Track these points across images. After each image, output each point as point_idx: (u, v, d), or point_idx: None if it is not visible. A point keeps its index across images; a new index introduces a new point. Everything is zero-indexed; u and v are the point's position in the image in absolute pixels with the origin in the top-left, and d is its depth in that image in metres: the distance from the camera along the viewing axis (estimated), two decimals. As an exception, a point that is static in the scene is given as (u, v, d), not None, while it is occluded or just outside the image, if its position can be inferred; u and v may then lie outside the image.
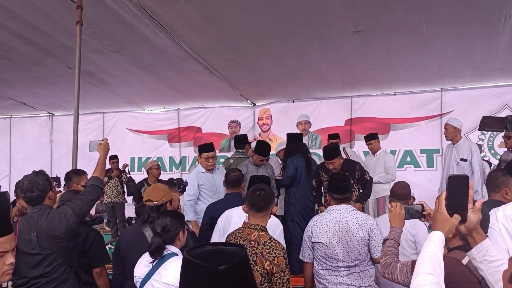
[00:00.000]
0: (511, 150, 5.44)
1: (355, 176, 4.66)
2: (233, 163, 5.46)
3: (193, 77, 6.68)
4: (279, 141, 7.62)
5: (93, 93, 7.55)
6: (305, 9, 4.43)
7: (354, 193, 3.05)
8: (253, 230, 2.47)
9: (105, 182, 7.11)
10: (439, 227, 1.40)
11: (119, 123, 9.46)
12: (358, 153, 7.84)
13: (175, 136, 9.20)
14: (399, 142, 7.70)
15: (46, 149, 9.84)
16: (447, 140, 5.52)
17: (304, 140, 6.14)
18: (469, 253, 1.47)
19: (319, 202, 4.89)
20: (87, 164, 7.09)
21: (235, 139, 6.17)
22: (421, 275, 1.28)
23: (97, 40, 5.20)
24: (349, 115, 8.03)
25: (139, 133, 9.41)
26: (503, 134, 5.59)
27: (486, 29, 4.91)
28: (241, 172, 4.06)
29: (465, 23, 4.77)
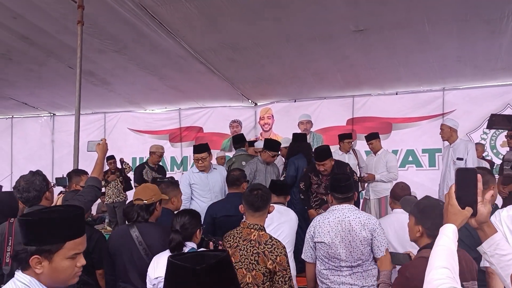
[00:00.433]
0: (514, 149, 5.42)
1: None
2: (236, 161, 5.50)
3: (194, 76, 6.68)
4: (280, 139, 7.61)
5: (94, 93, 7.55)
6: (306, 8, 4.42)
7: (356, 193, 3.04)
8: (252, 230, 2.47)
9: (103, 185, 7.11)
10: (452, 219, 1.37)
11: (120, 123, 9.45)
12: (360, 153, 7.85)
13: (176, 136, 9.19)
14: (401, 141, 7.68)
15: (47, 149, 9.84)
16: (443, 140, 5.55)
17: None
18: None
19: (307, 204, 4.80)
20: (88, 164, 7.05)
21: (234, 140, 6.20)
22: (436, 269, 1.25)
23: (98, 39, 5.20)
24: (350, 114, 8.01)
25: (141, 133, 9.41)
26: (506, 133, 5.57)
27: (488, 28, 4.89)
28: (242, 171, 4.06)
29: (467, 22, 4.75)
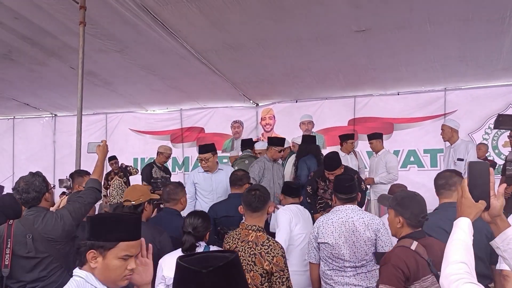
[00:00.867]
0: (516, 150, 5.42)
1: None
2: (239, 161, 5.63)
3: (196, 77, 6.67)
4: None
5: (96, 94, 7.55)
6: (308, 8, 4.42)
7: (359, 194, 3.04)
8: (250, 231, 2.48)
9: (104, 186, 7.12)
10: (466, 212, 1.36)
11: (121, 124, 9.46)
12: (361, 154, 7.84)
13: (178, 136, 9.19)
14: (403, 142, 7.67)
15: (49, 150, 9.85)
16: (444, 141, 5.53)
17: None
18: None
19: (314, 209, 4.83)
20: (90, 164, 7.02)
21: (242, 143, 6.36)
22: (453, 264, 1.25)
23: (100, 40, 5.20)
24: (352, 115, 8.00)
25: (142, 134, 9.41)
26: (508, 134, 5.56)
27: (490, 28, 4.88)
28: (246, 172, 4.09)
29: (469, 22, 4.74)
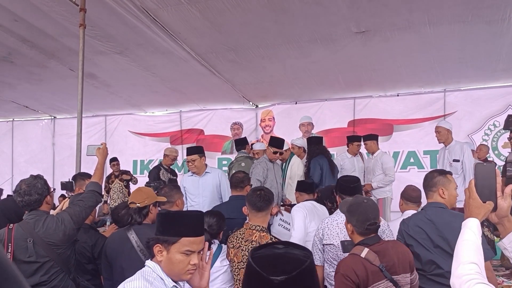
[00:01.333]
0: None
1: None
2: (235, 163, 5.56)
3: (195, 79, 6.67)
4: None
5: (95, 96, 7.54)
6: (308, 10, 4.42)
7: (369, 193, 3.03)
8: (254, 231, 2.50)
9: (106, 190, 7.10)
10: (474, 213, 1.35)
11: (121, 126, 9.45)
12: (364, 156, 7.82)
13: (177, 138, 9.18)
14: (403, 143, 7.66)
15: (48, 152, 9.83)
16: (439, 142, 5.45)
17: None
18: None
19: None
20: (90, 166, 7.01)
21: (235, 142, 6.27)
22: (464, 264, 1.24)
23: (100, 42, 5.20)
24: (352, 116, 8.00)
25: (141, 136, 9.40)
26: (508, 135, 5.54)
27: (489, 29, 4.90)
28: (246, 174, 4.07)
29: (469, 23, 4.75)
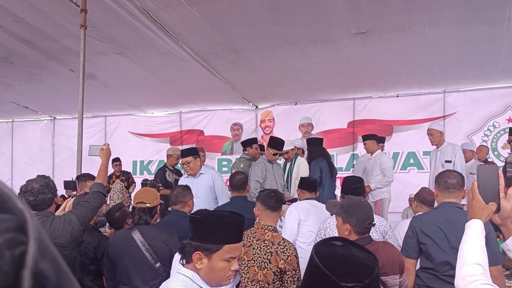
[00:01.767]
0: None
1: None
2: (235, 164, 5.58)
3: (195, 79, 6.68)
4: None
5: (95, 96, 7.54)
6: (308, 11, 4.43)
7: (367, 197, 3.03)
8: (266, 230, 2.55)
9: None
10: (478, 214, 1.36)
11: (121, 127, 9.44)
12: (360, 156, 7.82)
13: (177, 139, 9.18)
14: (402, 144, 7.67)
15: (48, 153, 9.83)
16: (432, 145, 5.49)
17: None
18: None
19: None
20: (90, 167, 7.06)
21: (242, 143, 6.28)
22: (468, 265, 1.25)
23: (100, 42, 5.20)
24: (351, 117, 8.01)
25: (141, 136, 9.40)
26: (507, 139, 5.57)
27: (489, 30, 4.91)
28: (246, 174, 4.08)
29: (469, 25, 4.76)
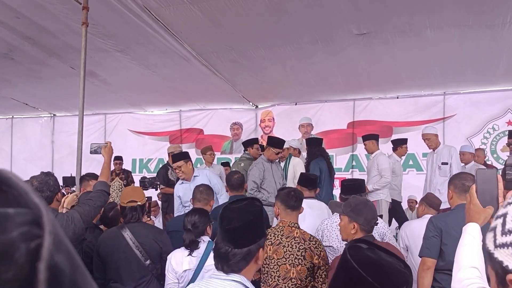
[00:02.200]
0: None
1: None
2: (235, 164, 5.58)
3: (196, 78, 6.67)
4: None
5: (96, 94, 7.52)
6: (309, 11, 4.43)
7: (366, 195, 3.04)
8: (293, 227, 2.57)
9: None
10: (475, 218, 1.36)
11: (120, 124, 9.44)
12: (360, 157, 7.83)
13: (176, 137, 9.17)
14: (402, 145, 7.68)
15: (47, 150, 9.82)
16: (430, 148, 5.49)
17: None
18: None
19: None
20: (89, 165, 7.12)
21: (243, 143, 6.32)
22: (465, 269, 1.25)
23: (101, 39, 5.19)
24: (351, 118, 8.01)
25: (141, 135, 9.40)
26: (506, 142, 5.59)
27: (490, 33, 4.91)
28: (241, 174, 4.12)
29: (469, 27, 4.77)
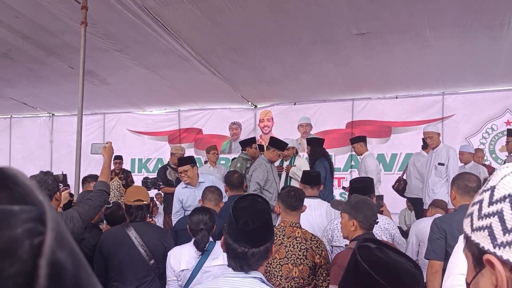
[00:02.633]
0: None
1: None
2: (240, 166, 5.55)
3: (194, 78, 6.67)
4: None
5: (94, 94, 7.51)
6: (309, 11, 4.43)
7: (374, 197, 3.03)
8: (294, 227, 2.58)
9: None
10: None
11: (119, 124, 9.43)
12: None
13: (175, 137, 9.17)
14: (400, 145, 7.68)
15: (46, 149, 9.80)
16: (431, 147, 5.42)
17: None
18: None
19: None
20: (88, 164, 7.11)
21: (241, 143, 6.29)
22: (454, 275, 1.29)
23: (100, 39, 5.19)
24: (350, 118, 8.01)
25: (140, 134, 9.39)
26: (506, 140, 5.59)
27: (489, 33, 4.93)
28: (240, 174, 4.13)
29: (469, 27, 4.78)
